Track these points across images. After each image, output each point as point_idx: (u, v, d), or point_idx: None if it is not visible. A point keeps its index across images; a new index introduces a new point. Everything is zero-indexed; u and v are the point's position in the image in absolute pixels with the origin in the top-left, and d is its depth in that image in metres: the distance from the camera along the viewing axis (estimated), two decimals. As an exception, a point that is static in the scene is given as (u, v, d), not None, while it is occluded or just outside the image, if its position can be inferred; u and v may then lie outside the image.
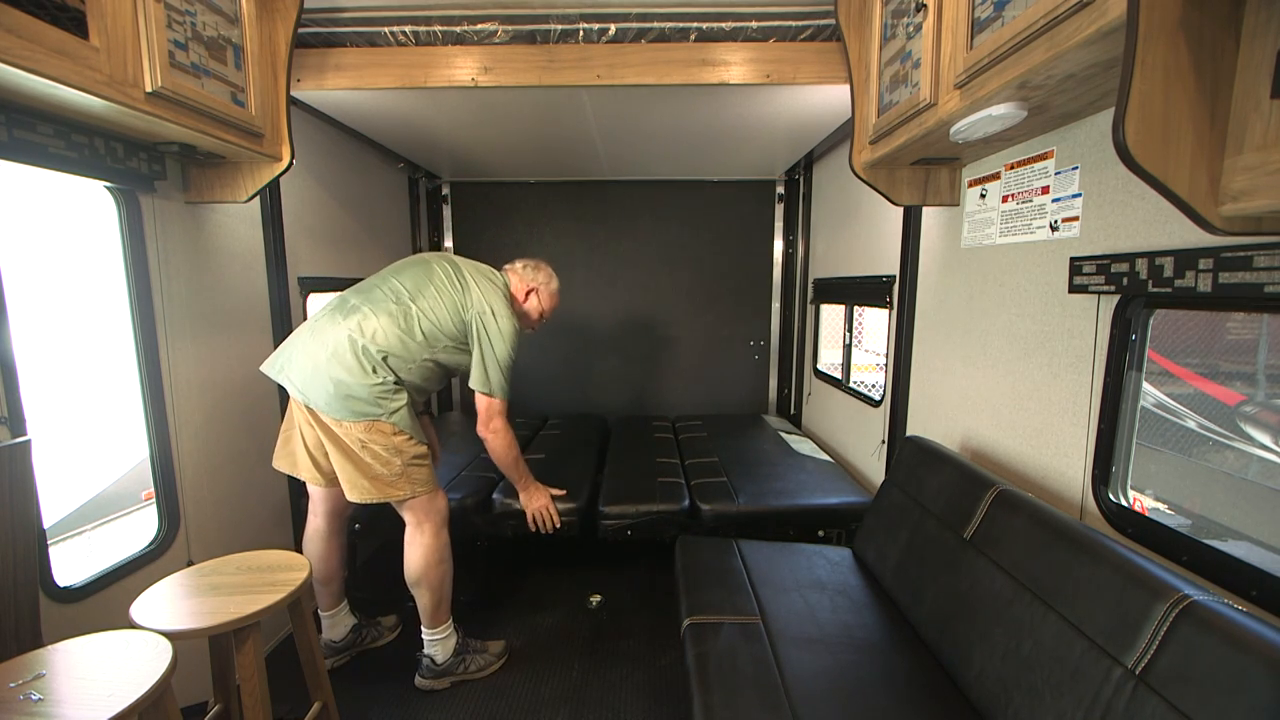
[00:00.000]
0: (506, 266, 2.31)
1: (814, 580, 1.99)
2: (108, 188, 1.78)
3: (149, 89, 1.44)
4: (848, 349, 3.32)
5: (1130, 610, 1.10)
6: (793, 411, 4.18)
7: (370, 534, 2.66)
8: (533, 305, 2.32)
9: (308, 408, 1.97)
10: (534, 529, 2.40)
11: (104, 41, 1.31)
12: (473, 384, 2.12)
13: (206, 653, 1.65)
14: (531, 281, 2.30)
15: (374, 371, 1.94)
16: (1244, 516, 3.43)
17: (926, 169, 2.08)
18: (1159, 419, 3.93)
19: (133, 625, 1.36)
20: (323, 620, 2.29)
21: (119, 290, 1.87)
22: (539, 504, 2.37)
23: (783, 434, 3.52)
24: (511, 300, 2.21)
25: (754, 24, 2.05)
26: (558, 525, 2.41)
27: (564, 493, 2.48)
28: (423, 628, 2.17)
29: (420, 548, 2.09)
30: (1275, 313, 1.21)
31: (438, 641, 2.16)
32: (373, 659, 2.33)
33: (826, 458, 3.11)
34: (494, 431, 2.20)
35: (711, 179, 4.03)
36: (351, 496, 1.99)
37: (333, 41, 2.11)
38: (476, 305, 2.08)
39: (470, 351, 2.12)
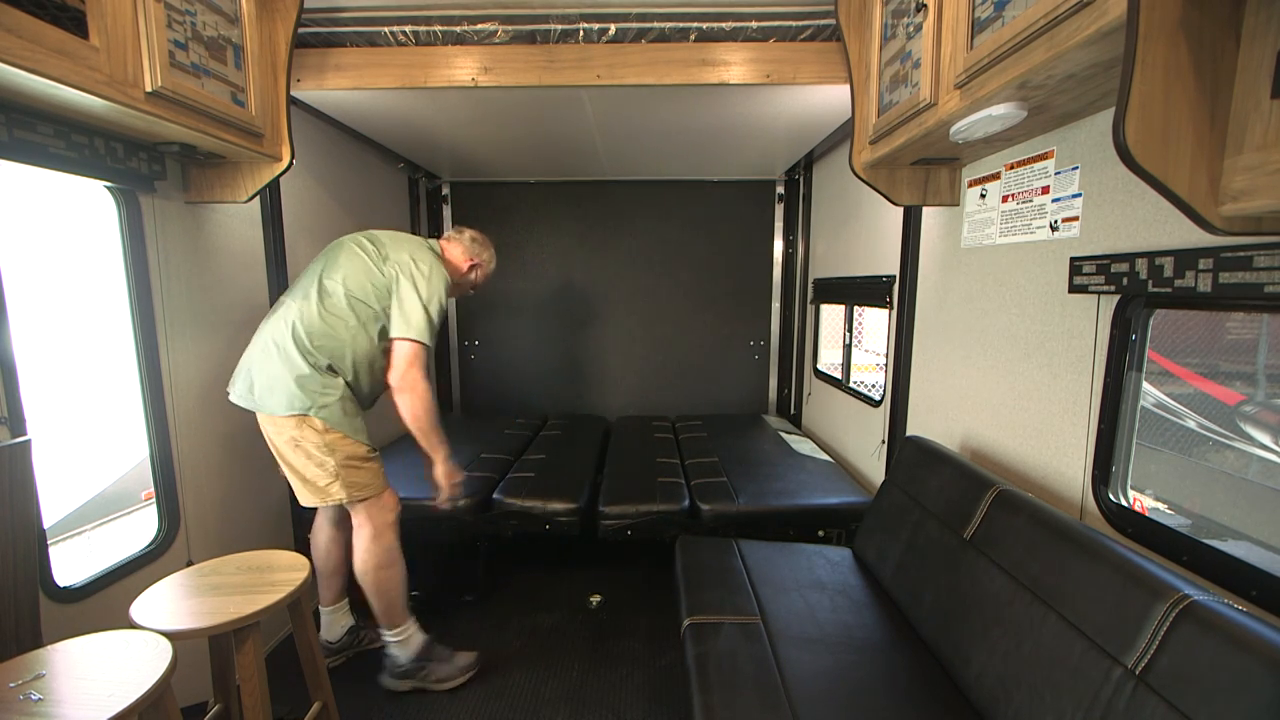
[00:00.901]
0: (450, 234, 2.29)
1: (814, 580, 1.99)
2: (108, 188, 1.78)
3: (149, 89, 1.44)
4: (848, 349, 3.32)
5: (1130, 610, 1.10)
6: (793, 411, 4.18)
7: None
8: (472, 280, 2.30)
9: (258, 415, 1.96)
10: (443, 505, 2.23)
11: (104, 41, 1.31)
12: (392, 331, 1.96)
13: (206, 653, 1.65)
14: (477, 257, 2.28)
15: (303, 358, 1.89)
16: (1244, 516, 3.42)
17: (926, 169, 2.08)
18: (1159, 419, 3.93)
19: (133, 625, 1.36)
20: (322, 617, 2.29)
21: (119, 290, 1.87)
22: (459, 479, 2.21)
23: (783, 434, 3.52)
24: (447, 264, 2.17)
25: (754, 24, 2.05)
26: (459, 505, 2.36)
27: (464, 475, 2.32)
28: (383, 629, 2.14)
29: (360, 551, 2.03)
30: (1275, 313, 1.21)
31: (396, 642, 2.11)
32: (373, 659, 2.32)
33: (826, 458, 3.11)
34: (410, 384, 1.95)
35: (711, 179, 4.03)
36: (301, 501, 1.98)
37: (333, 41, 2.11)
38: (394, 258, 2.00)
39: None
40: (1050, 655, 1.22)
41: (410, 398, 1.96)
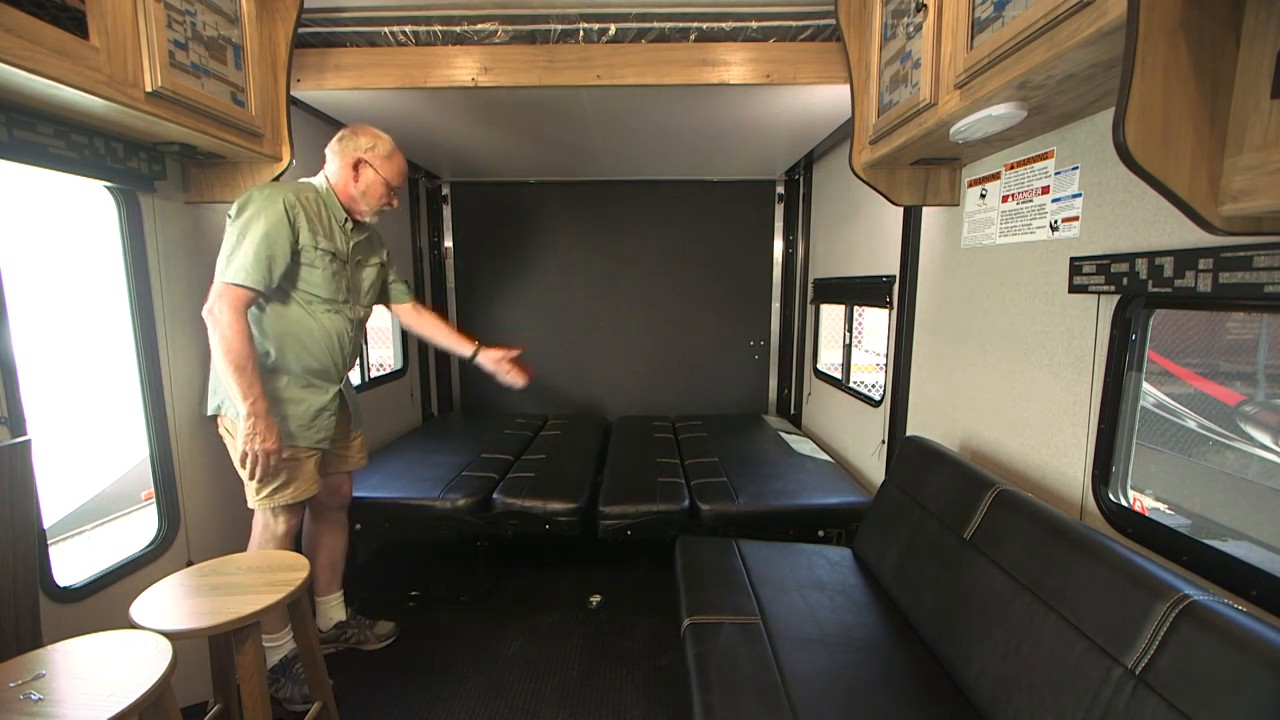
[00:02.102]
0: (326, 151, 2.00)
1: (814, 580, 1.99)
2: (108, 188, 1.78)
3: (149, 89, 1.44)
4: (848, 349, 3.32)
5: (1130, 610, 1.10)
6: (793, 411, 4.18)
7: (371, 535, 2.65)
8: (369, 179, 1.95)
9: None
10: (242, 467, 1.83)
11: (104, 41, 1.31)
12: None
13: (206, 653, 1.65)
14: (354, 152, 1.93)
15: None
16: (1244, 516, 3.43)
17: (926, 169, 2.08)
18: (1159, 419, 3.93)
19: (133, 625, 1.35)
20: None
21: (119, 290, 1.87)
22: (267, 445, 1.78)
23: (783, 434, 3.52)
24: (336, 185, 1.96)
25: (754, 24, 2.05)
26: (258, 478, 1.85)
27: (282, 451, 1.86)
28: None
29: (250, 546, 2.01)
30: (1275, 313, 1.21)
31: (270, 647, 2.05)
32: (371, 660, 2.33)
33: (826, 458, 3.11)
34: (213, 319, 1.74)
35: (711, 179, 4.03)
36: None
37: (332, 41, 2.11)
38: (229, 213, 1.83)
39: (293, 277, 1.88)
40: (1050, 655, 1.22)
41: (211, 331, 1.75)
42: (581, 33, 2.09)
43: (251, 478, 1.84)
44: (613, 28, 2.07)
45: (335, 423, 2.06)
